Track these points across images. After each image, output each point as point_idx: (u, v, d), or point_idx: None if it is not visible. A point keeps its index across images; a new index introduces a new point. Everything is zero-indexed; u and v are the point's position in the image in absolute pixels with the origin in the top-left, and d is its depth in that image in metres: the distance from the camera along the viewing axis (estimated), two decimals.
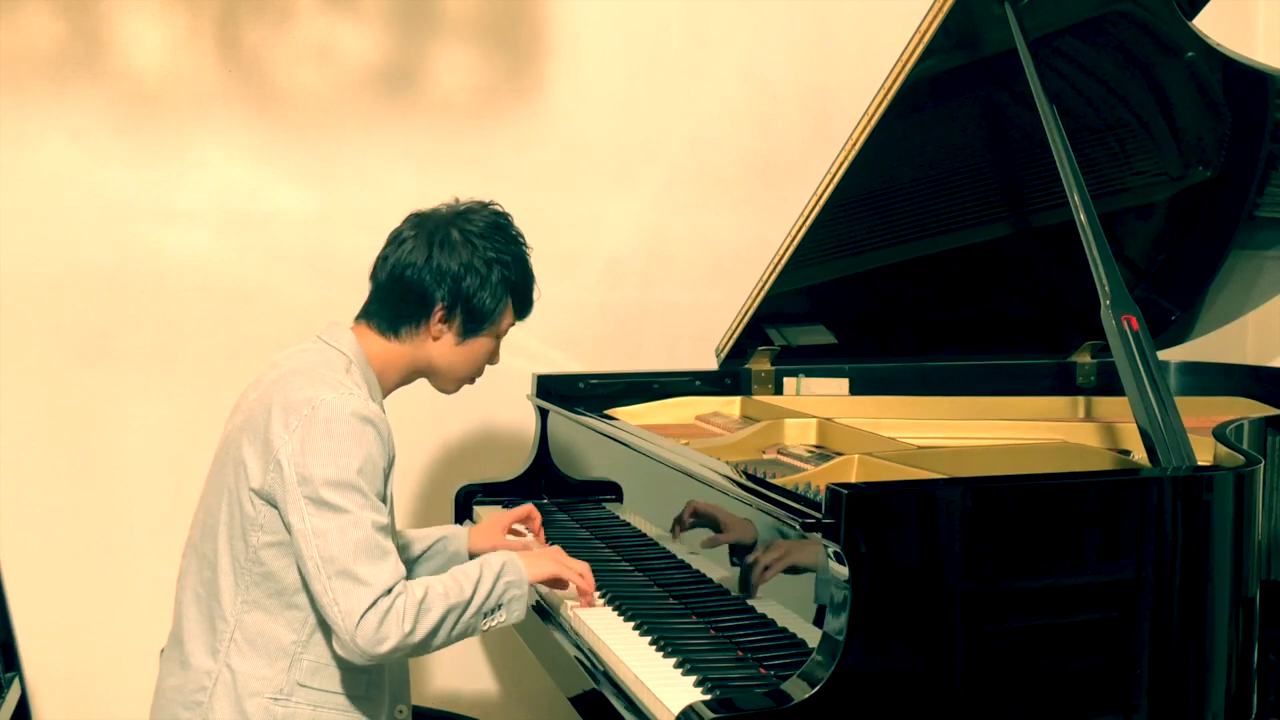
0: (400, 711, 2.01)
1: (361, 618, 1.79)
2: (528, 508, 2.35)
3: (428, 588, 1.86)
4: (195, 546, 1.98)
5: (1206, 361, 3.10)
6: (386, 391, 2.06)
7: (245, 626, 1.90)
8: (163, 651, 2.05)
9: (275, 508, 1.86)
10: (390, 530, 1.89)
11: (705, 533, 2.11)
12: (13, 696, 2.76)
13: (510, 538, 2.30)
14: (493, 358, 2.10)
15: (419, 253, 1.99)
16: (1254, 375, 3.01)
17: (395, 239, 2.04)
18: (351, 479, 1.83)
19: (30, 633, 2.90)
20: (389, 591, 1.81)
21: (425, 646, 1.86)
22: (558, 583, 2.08)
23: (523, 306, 2.10)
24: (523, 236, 2.09)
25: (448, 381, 2.09)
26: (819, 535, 1.64)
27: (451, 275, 1.99)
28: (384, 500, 1.89)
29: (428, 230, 2.01)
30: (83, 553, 2.97)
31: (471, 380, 2.11)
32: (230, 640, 1.90)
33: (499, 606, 1.94)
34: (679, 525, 2.17)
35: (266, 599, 1.89)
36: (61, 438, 2.96)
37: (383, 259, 2.04)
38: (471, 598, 1.89)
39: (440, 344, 2.03)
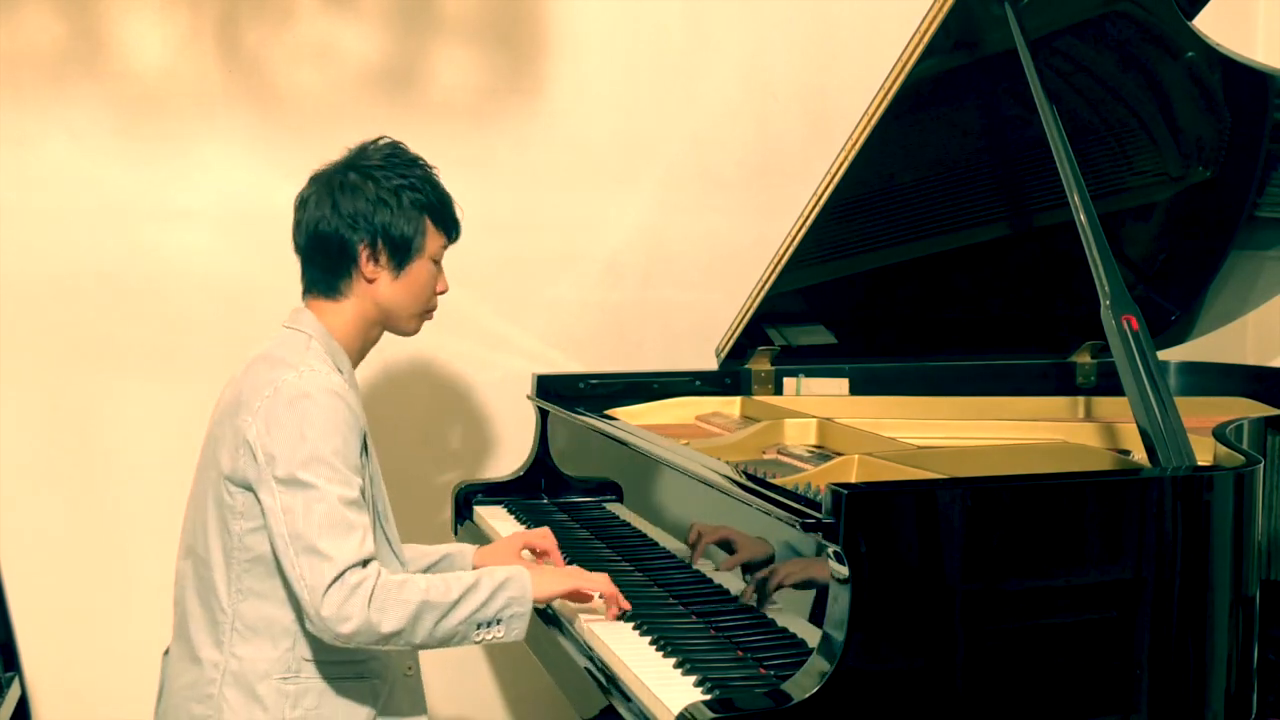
0: (409, 669, 2.00)
1: (325, 593, 1.78)
2: (545, 531, 2.31)
3: (409, 579, 1.85)
4: (188, 545, 1.99)
5: (1206, 361, 3.10)
6: (358, 356, 2.06)
7: (243, 614, 1.90)
8: (166, 652, 2.04)
9: (251, 490, 1.87)
10: (364, 504, 1.87)
11: (708, 540, 2.11)
12: (12, 696, 2.76)
13: (526, 554, 2.27)
14: (439, 284, 2.08)
15: (324, 205, 1.99)
16: (1254, 375, 3.01)
17: (300, 202, 2.04)
18: (318, 453, 1.82)
19: (30, 633, 2.90)
20: (360, 566, 1.80)
21: (397, 638, 1.82)
22: (575, 596, 2.04)
23: (446, 224, 2.06)
24: (422, 159, 2.06)
25: (404, 320, 2.06)
26: (819, 535, 1.64)
27: (362, 215, 1.98)
28: (358, 472, 1.88)
29: (325, 181, 2.01)
30: (83, 553, 2.97)
31: (428, 314, 2.09)
32: (231, 629, 1.90)
33: (497, 620, 1.89)
34: (692, 546, 2.16)
35: (259, 583, 1.89)
36: (61, 438, 2.96)
37: (296, 225, 2.04)
38: (458, 601, 1.85)
39: (379, 285, 2.01)
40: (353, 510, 1.83)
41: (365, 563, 1.81)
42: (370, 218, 1.98)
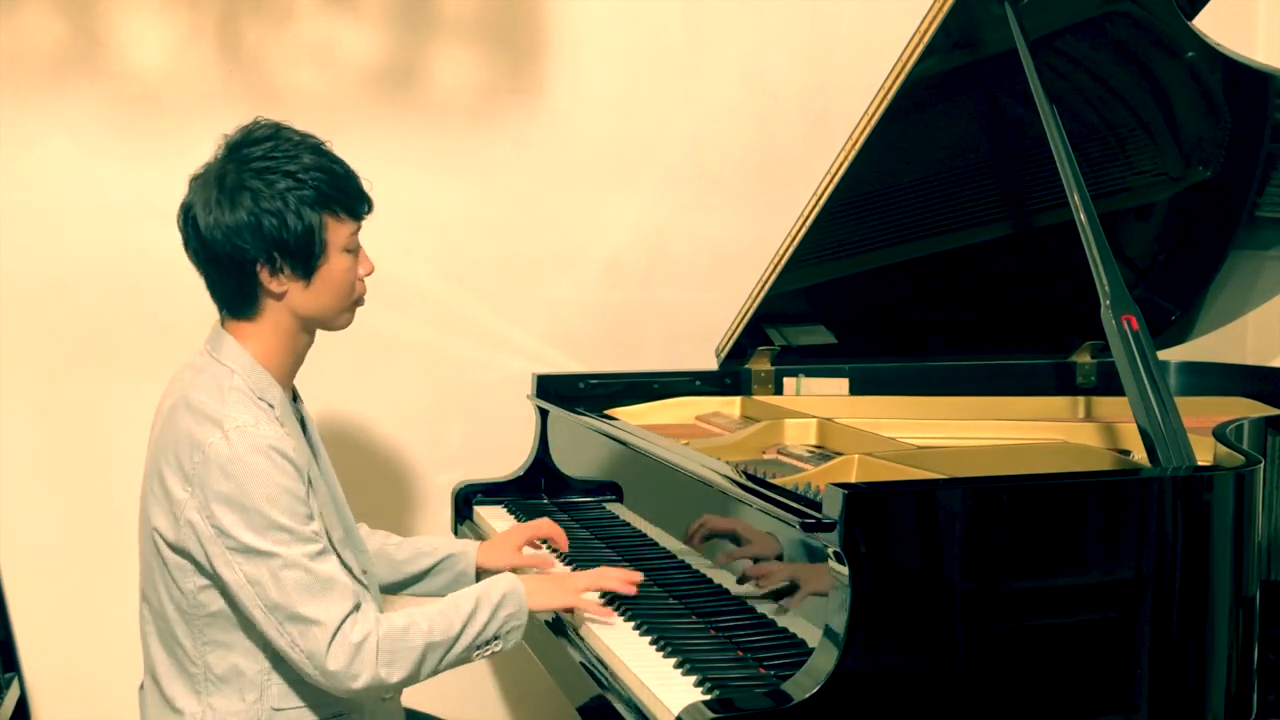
0: (387, 694, 1.96)
1: (326, 655, 1.74)
2: (548, 524, 2.30)
3: (411, 622, 1.81)
4: (144, 590, 1.93)
5: (1206, 361, 3.10)
6: (291, 371, 1.93)
7: (211, 666, 1.85)
8: (141, 687, 2.00)
9: (194, 561, 1.80)
10: (328, 550, 1.81)
11: (710, 538, 2.10)
12: (12, 696, 2.76)
13: (528, 550, 2.27)
14: (361, 268, 1.91)
15: (207, 219, 1.81)
16: (1254, 375, 3.01)
17: (183, 214, 1.86)
18: (268, 519, 1.74)
19: (30, 633, 2.90)
20: (353, 611, 1.76)
21: (406, 682, 1.81)
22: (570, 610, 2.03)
23: (350, 209, 1.87)
24: (311, 138, 1.88)
25: (331, 320, 1.91)
26: (819, 535, 1.64)
27: (250, 230, 1.79)
28: (311, 517, 1.80)
29: (204, 189, 1.83)
30: (83, 553, 2.97)
31: (359, 302, 1.93)
32: (205, 680, 1.86)
33: (495, 638, 1.89)
34: (691, 538, 2.15)
35: (223, 635, 1.84)
36: (61, 438, 2.96)
37: (185, 242, 1.86)
38: (460, 633, 1.84)
39: (291, 297, 1.85)
40: (321, 562, 1.77)
41: (356, 608, 1.78)
42: (258, 231, 1.80)
